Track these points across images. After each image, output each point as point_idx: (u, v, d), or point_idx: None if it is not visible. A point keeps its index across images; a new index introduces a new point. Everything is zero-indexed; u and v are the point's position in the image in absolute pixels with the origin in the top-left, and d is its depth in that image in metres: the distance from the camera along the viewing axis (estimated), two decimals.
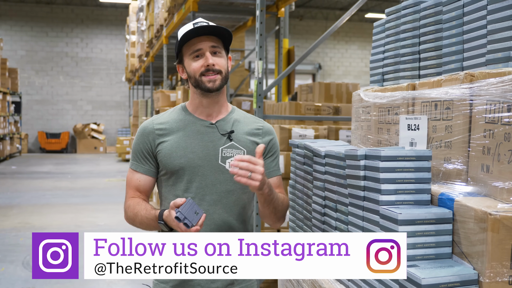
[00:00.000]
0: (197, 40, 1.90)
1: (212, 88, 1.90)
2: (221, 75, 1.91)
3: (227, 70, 1.95)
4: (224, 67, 1.93)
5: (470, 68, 1.63)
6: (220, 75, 1.91)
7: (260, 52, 3.97)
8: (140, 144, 1.99)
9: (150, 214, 1.85)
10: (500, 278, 1.25)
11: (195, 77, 1.91)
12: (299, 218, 2.13)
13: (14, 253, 5.98)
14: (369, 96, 2.11)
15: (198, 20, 1.95)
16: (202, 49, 1.90)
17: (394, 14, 2.11)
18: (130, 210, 1.94)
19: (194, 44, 1.90)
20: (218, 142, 1.94)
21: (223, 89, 1.99)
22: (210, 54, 1.90)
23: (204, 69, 1.89)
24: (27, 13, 20.50)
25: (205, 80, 1.90)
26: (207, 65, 1.88)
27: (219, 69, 1.90)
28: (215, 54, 1.91)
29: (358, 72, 22.94)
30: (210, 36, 1.91)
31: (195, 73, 1.91)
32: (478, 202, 1.33)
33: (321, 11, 22.07)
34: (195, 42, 1.90)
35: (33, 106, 20.85)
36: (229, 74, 1.98)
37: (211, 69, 1.89)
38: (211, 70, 1.89)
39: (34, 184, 11.71)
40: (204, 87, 1.90)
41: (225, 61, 1.94)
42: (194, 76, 1.91)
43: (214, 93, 1.92)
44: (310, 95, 6.35)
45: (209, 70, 1.89)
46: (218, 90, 1.92)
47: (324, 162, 1.82)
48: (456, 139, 1.54)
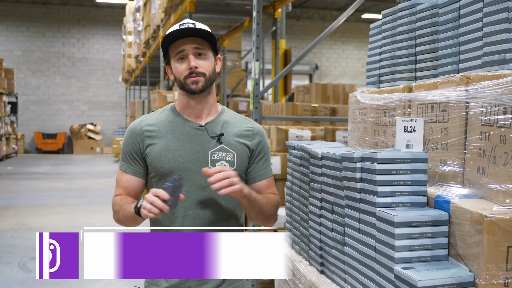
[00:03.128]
0: (181, 42, 1.90)
1: (196, 90, 1.90)
2: (204, 77, 1.91)
3: (213, 72, 1.94)
4: (209, 69, 1.92)
5: (466, 70, 1.64)
6: (204, 77, 1.90)
7: (257, 53, 3.97)
8: (129, 145, 1.98)
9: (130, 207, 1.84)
10: (496, 280, 1.26)
11: (180, 79, 1.92)
12: (295, 220, 2.14)
13: (11, 254, 5.97)
14: (365, 97, 2.11)
15: (185, 21, 1.94)
16: (186, 51, 1.89)
17: (391, 16, 2.11)
18: (116, 204, 1.94)
19: (178, 46, 1.90)
20: (208, 145, 1.94)
21: (211, 90, 1.98)
22: (194, 56, 1.89)
23: (187, 72, 1.89)
24: (23, 13, 20.45)
25: (189, 82, 1.90)
26: (190, 68, 1.89)
27: (202, 71, 1.90)
28: (200, 56, 1.91)
29: (355, 72, 22.96)
30: (195, 38, 1.90)
31: (179, 75, 1.91)
32: (474, 204, 1.34)
33: (318, 12, 22.08)
34: (179, 45, 1.90)
35: (30, 107, 20.80)
36: (215, 75, 1.98)
37: (194, 71, 1.89)
38: (194, 73, 1.89)
39: (30, 184, 11.68)
40: (188, 89, 1.91)
41: (210, 63, 1.93)
42: (179, 78, 1.92)
43: (199, 94, 1.93)
44: (307, 96, 6.36)
45: (192, 73, 1.89)
46: (201, 91, 1.91)
47: (320, 164, 1.82)
48: (452, 141, 1.54)
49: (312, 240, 1.93)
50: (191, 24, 1.91)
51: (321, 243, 1.85)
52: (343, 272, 1.68)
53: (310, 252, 1.96)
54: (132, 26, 14.01)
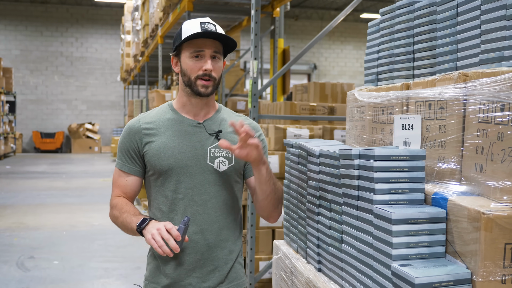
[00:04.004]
0: (201, 41, 1.88)
1: (204, 94, 1.91)
2: (214, 82, 1.91)
3: (221, 76, 1.95)
4: (219, 73, 1.93)
5: (464, 68, 1.64)
6: (214, 81, 1.91)
7: (255, 52, 3.97)
8: (127, 143, 1.97)
9: (132, 220, 1.85)
10: (493, 277, 1.26)
11: (190, 77, 1.90)
12: (293, 218, 2.13)
13: (8, 253, 5.96)
14: (363, 96, 2.11)
15: (206, 20, 1.93)
16: (204, 52, 1.88)
17: (389, 14, 2.11)
18: (117, 209, 1.93)
19: (198, 45, 1.88)
20: (206, 142, 1.94)
21: None
22: (211, 59, 1.89)
23: (201, 73, 1.88)
24: (21, 12, 20.43)
25: (199, 84, 1.89)
26: (205, 69, 1.87)
27: (215, 76, 1.90)
28: (214, 59, 1.90)
29: (354, 72, 22.98)
30: (215, 41, 1.90)
31: (191, 72, 1.90)
32: (471, 202, 1.34)
33: (316, 11, 22.09)
34: (200, 43, 1.88)
35: (28, 106, 20.77)
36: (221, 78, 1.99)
37: (208, 74, 1.88)
38: (208, 76, 1.88)
39: (28, 184, 11.67)
40: (196, 90, 1.90)
41: (221, 67, 1.94)
42: (189, 76, 1.90)
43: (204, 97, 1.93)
44: (305, 95, 6.36)
45: (205, 75, 1.88)
46: (208, 96, 1.92)
47: (318, 162, 1.82)
48: (450, 138, 1.54)
49: (310, 238, 1.93)
50: (212, 25, 1.90)
51: (319, 241, 1.85)
52: (341, 270, 1.68)
53: (308, 250, 1.96)
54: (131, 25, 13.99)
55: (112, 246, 6.42)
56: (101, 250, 6.24)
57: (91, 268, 5.50)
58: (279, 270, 2.22)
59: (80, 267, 5.54)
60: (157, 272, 1.97)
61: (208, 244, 1.93)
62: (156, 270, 1.97)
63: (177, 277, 1.93)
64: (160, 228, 1.71)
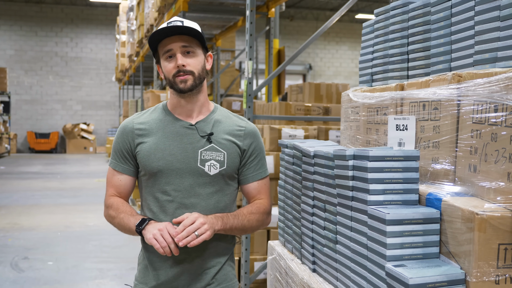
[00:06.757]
0: (168, 40, 1.88)
1: (184, 89, 1.89)
2: (193, 76, 1.89)
3: (202, 70, 1.93)
4: (197, 67, 1.90)
5: (458, 68, 1.64)
6: (192, 75, 1.89)
7: (250, 52, 3.97)
8: (120, 143, 1.97)
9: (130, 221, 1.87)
10: (487, 278, 1.26)
11: (169, 78, 1.90)
12: (288, 218, 2.13)
13: (2, 254, 5.93)
14: (358, 96, 2.11)
15: (173, 19, 1.93)
16: (173, 50, 1.88)
17: (383, 14, 2.11)
18: (113, 209, 1.94)
19: (165, 45, 1.89)
20: (197, 144, 1.93)
21: (202, 88, 1.96)
22: (182, 54, 1.88)
23: (175, 71, 1.88)
24: (16, 12, 20.36)
25: (177, 81, 1.88)
26: (177, 66, 1.87)
27: (190, 69, 1.88)
28: (188, 54, 1.89)
29: (349, 72, 23.00)
30: (182, 36, 1.88)
31: (168, 74, 1.90)
32: (465, 202, 1.34)
33: (311, 12, 22.11)
34: (167, 43, 1.88)
35: (22, 106, 20.70)
36: (206, 73, 1.96)
37: (181, 70, 1.87)
38: (182, 71, 1.87)
39: (23, 184, 11.63)
40: (177, 88, 1.90)
41: (199, 61, 1.91)
42: (168, 77, 1.91)
43: (189, 93, 1.91)
44: (300, 96, 6.36)
45: (180, 72, 1.87)
46: (190, 90, 1.90)
47: (313, 162, 1.82)
48: (444, 139, 1.54)
49: (305, 239, 1.93)
50: (179, 22, 1.89)
51: (313, 242, 1.85)
52: (335, 270, 1.68)
53: (303, 251, 1.96)
54: (126, 25, 13.96)
55: (107, 246, 6.40)
56: (96, 250, 6.22)
57: (86, 269, 5.48)
58: (273, 270, 2.22)
59: (74, 267, 5.53)
60: (146, 272, 1.97)
61: (197, 246, 1.91)
62: (145, 270, 1.97)
63: (165, 278, 1.92)
64: (162, 229, 1.75)
